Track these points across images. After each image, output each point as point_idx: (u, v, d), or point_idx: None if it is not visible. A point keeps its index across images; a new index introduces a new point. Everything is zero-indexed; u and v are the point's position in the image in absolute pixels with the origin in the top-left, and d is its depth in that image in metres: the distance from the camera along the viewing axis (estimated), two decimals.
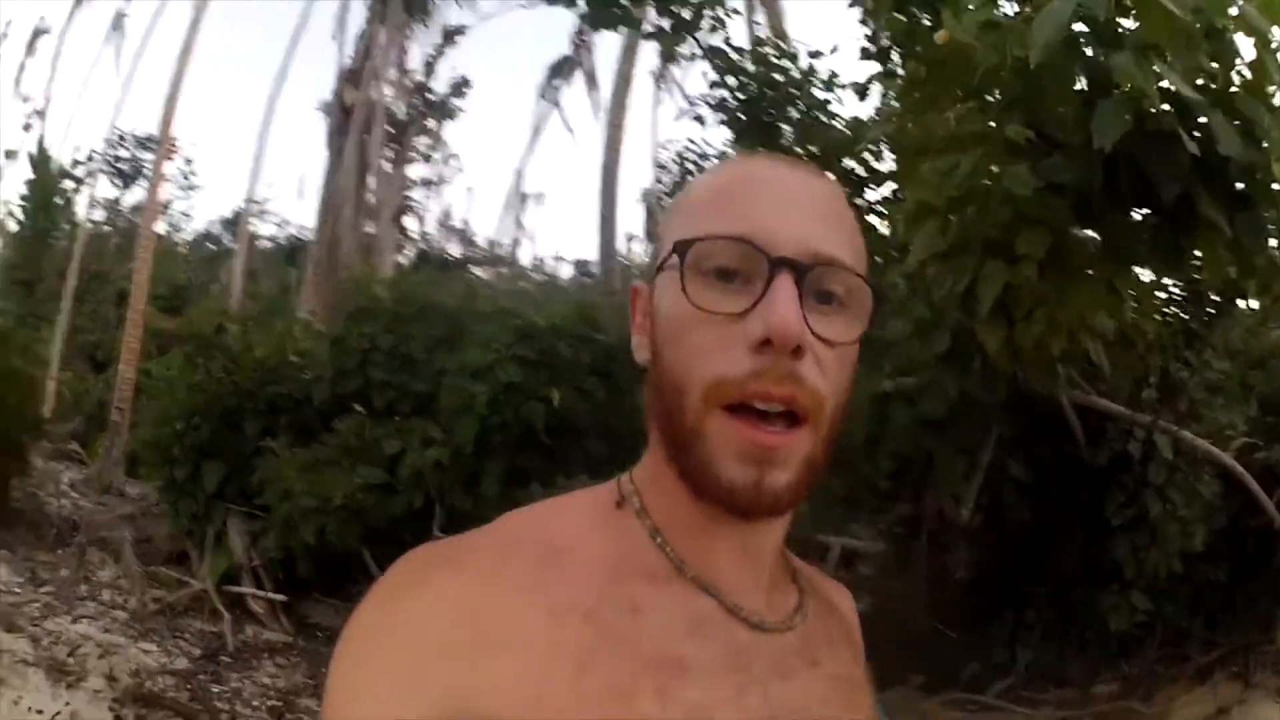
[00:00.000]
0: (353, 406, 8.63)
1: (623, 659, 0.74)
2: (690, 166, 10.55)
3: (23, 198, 17.49)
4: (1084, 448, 6.87)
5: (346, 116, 16.54)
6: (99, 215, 28.93)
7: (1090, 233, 4.64)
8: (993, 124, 4.45)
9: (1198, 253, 4.39)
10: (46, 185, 17.18)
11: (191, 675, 6.98)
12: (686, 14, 8.29)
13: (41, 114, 28.79)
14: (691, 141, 10.99)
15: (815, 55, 8.34)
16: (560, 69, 22.48)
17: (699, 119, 9.55)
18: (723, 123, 8.75)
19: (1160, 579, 6.55)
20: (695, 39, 8.55)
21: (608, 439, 8.24)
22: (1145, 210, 4.39)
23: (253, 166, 29.41)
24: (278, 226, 29.74)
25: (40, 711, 5.71)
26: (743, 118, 8.32)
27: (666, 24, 8.39)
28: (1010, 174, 4.20)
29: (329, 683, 0.73)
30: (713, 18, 8.49)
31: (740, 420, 0.76)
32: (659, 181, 14.40)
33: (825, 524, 9.22)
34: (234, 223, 24.25)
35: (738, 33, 10.73)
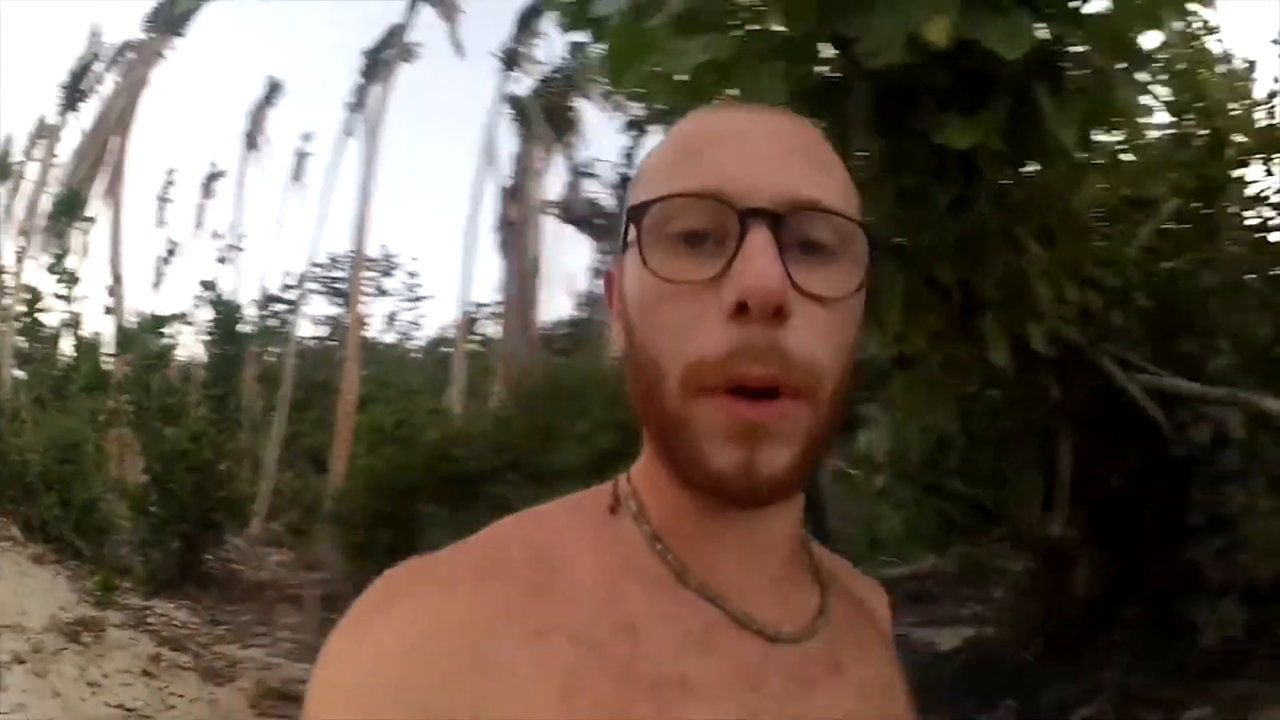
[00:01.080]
0: (507, 475, 9.72)
1: (616, 681, 0.68)
2: None
3: (209, 330, 20.78)
4: (1168, 438, 6.10)
5: (513, 230, 17.97)
6: (322, 331, 32.01)
7: None
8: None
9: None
10: (228, 317, 20.20)
11: None
12: None
13: (236, 248, 31.94)
14: None
15: None
16: None
17: None
18: None
19: (1260, 584, 5.69)
20: None
21: None
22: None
23: (461, 274, 31.70)
24: None
25: (181, 695, 7.66)
26: None
27: None
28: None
29: (304, 710, 0.67)
30: None
31: (722, 398, 0.68)
32: None
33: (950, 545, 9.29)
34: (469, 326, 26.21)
35: None
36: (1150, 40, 4.02)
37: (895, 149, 4.12)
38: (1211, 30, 6.59)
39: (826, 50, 4.09)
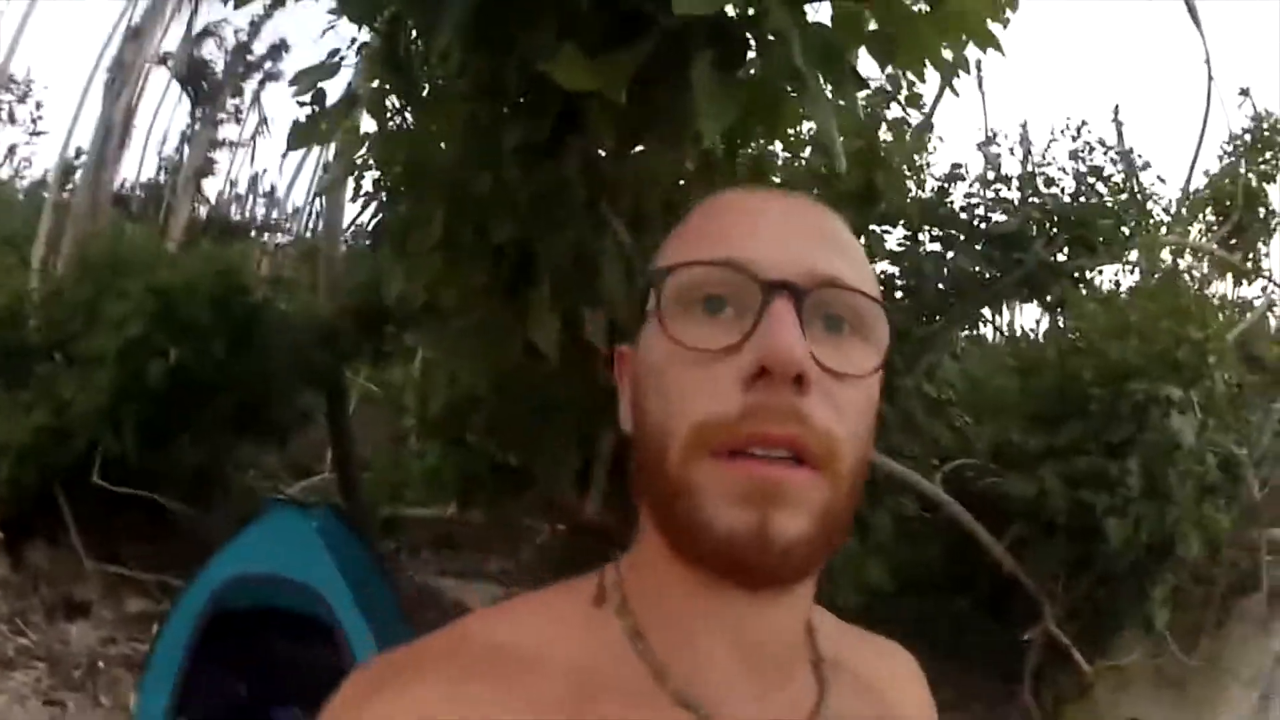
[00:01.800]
0: (54, 354, 8.76)
1: None
2: None
3: None
4: None
5: (120, 74, 16.82)
6: None
7: None
8: None
9: None
10: None
11: None
12: None
13: None
14: None
15: None
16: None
17: None
18: None
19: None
20: None
21: (238, 398, 8.53)
22: None
23: (72, 118, 29.08)
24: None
25: None
26: None
27: None
28: None
29: None
30: None
31: (734, 459, 0.65)
32: None
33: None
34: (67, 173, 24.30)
35: None
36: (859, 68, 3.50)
37: (488, 70, 3.60)
38: (914, 99, 7.03)
39: None
